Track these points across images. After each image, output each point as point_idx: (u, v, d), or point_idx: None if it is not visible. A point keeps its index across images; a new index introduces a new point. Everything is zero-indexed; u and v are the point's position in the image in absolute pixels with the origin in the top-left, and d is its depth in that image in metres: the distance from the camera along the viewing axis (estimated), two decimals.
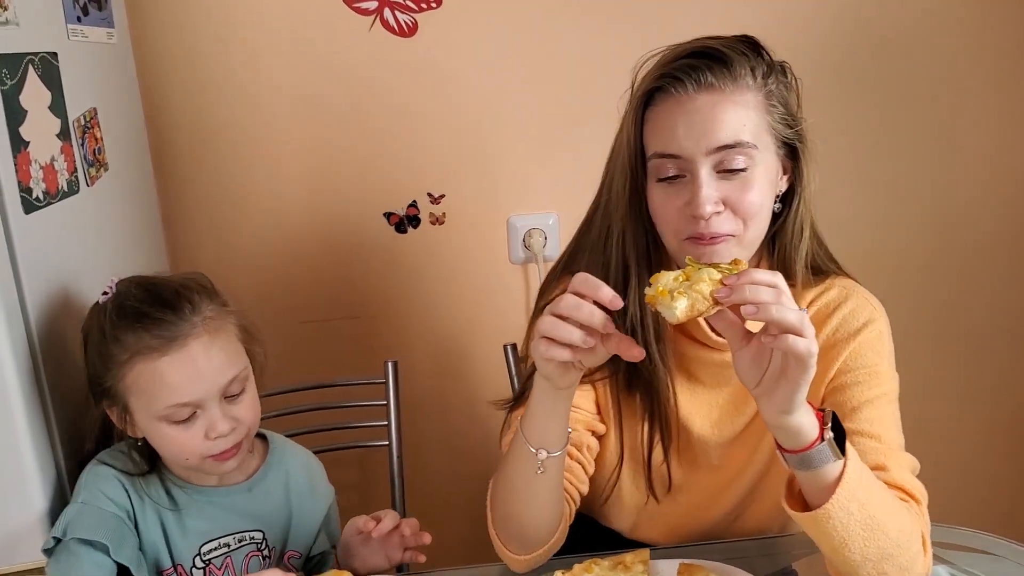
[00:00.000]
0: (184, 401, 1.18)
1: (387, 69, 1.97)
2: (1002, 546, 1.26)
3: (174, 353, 1.18)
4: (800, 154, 1.19)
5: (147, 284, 1.25)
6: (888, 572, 1.06)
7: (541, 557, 1.23)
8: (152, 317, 1.19)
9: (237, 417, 1.23)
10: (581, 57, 1.95)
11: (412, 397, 2.06)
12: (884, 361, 1.23)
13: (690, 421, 1.31)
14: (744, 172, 1.13)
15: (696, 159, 1.12)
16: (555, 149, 2.00)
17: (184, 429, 1.20)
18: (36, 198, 1.28)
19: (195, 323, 1.20)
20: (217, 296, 1.28)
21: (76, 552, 1.19)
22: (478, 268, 2.10)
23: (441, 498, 2.17)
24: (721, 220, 1.13)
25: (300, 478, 1.39)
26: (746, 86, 1.14)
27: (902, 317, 2.15)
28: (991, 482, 2.33)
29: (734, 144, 1.12)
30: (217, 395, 1.21)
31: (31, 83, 1.29)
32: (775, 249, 1.24)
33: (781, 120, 1.17)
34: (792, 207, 1.21)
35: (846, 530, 1.03)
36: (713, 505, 1.37)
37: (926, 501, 1.14)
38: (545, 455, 1.14)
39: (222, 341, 1.23)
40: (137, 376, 1.19)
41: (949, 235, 2.18)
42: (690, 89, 1.13)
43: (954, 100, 2.10)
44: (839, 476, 1.01)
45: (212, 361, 1.20)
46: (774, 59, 1.18)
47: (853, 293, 1.26)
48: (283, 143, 2.00)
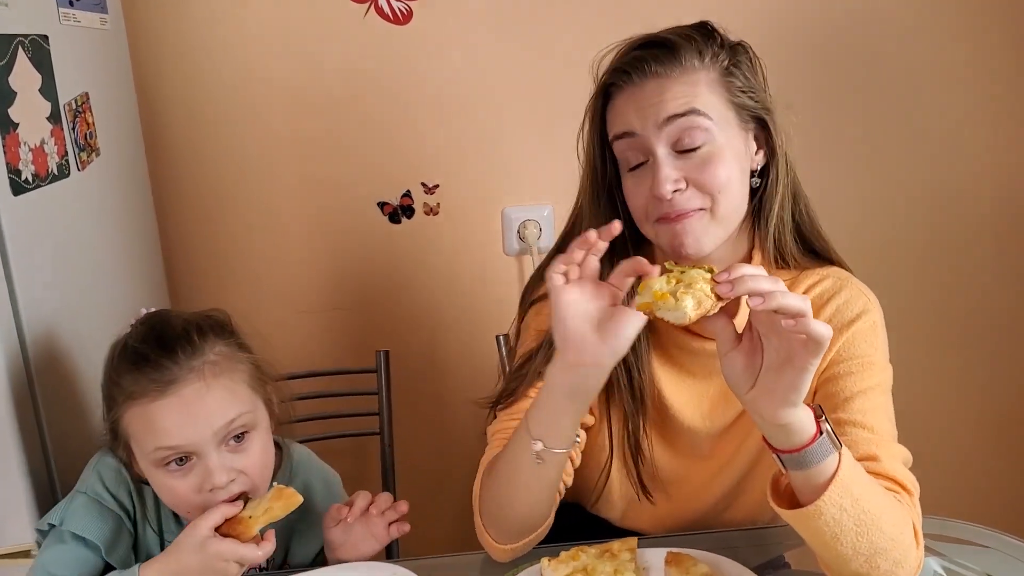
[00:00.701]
0: (173, 444, 1.13)
1: (381, 57, 1.96)
2: (994, 538, 1.25)
3: (167, 398, 1.13)
4: (769, 125, 1.20)
5: (156, 322, 1.21)
6: (880, 566, 1.04)
7: (525, 547, 1.22)
8: (148, 360, 1.15)
9: (240, 468, 1.16)
10: (577, 47, 1.93)
11: (405, 387, 2.05)
12: (877, 352, 1.22)
13: (681, 413, 1.30)
14: (702, 149, 1.14)
15: (650, 137, 1.14)
16: (551, 140, 2.00)
17: (179, 477, 1.15)
18: (25, 180, 1.27)
19: (193, 367, 1.15)
20: (231, 336, 1.23)
21: (68, 544, 1.19)
22: (472, 259, 2.10)
23: (433, 487, 2.16)
24: (686, 197, 1.14)
25: (311, 499, 1.33)
26: (692, 67, 1.15)
27: (896, 308, 2.15)
28: (985, 475, 2.33)
29: (684, 112, 1.13)
30: (213, 441, 1.14)
31: (21, 65, 1.28)
32: (760, 223, 1.24)
33: (741, 93, 1.18)
34: (770, 178, 1.22)
35: (838, 525, 1.01)
36: (703, 494, 1.36)
37: (918, 492, 1.13)
38: (543, 448, 1.12)
39: (223, 384, 1.17)
40: (131, 419, 1.16)
41: (942, 225, 2.17)
42: (637, 80, 1.15)
43: (947, 88, 2.09)
44: (833, 472, 1.00)
45: (207, 405, 1.14)
46: (728, 40, 1.20)
47: (847, 284, 1.26)
48: (277, 131, 1.99)
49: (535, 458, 1.13)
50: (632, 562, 1.16)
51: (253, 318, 2.02)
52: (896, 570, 1.05)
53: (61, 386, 1.34)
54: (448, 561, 1.27)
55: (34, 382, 1.27)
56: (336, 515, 1.24)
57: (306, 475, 1.37)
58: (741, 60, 1.20)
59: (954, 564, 1.20)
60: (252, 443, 1.19)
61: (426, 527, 1.34)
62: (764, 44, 1.25)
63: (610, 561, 1.15)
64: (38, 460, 1.29)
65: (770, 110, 1.20)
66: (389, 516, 1.26)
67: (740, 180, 1.18)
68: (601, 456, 1.34)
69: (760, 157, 1.22)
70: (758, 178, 1.22)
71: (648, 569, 1.18)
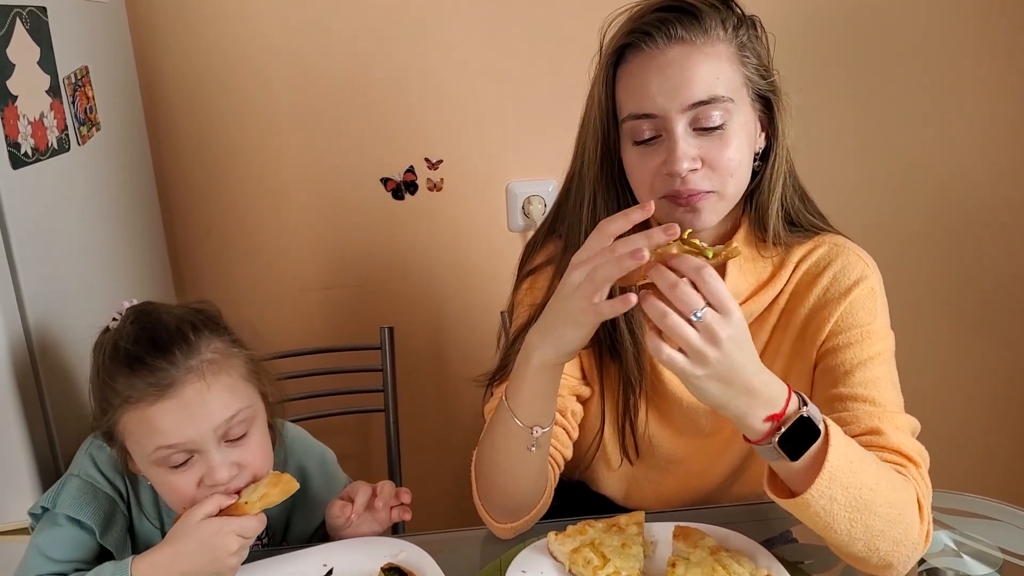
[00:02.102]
0: (173, 443, 1.11)
1: (385, 31, 1.94)
2: (1005, 511, 1.25)
3: (165, 401, 1.10)
4: (775, 107, 1.18)
5: (145, 322, 1.16)
6: (880, 547, 1.03)
7: (527, 524, 1.22)
8: (144, 362, 1.11)
9: (240, 462, 1.15)
10: (582, 21, 1.91)
11: (410, 364, 2.05)
12: (877, 320, 1.19)
13: (680, 389, 1.29)
14: (721, 128, 1.11)
15: (671, 116, 1.10)
16: (555, 115, 1.98)
17: (179, 474, 1.13)
18: (25, 153, 1.26)
19: (190, 367, 1.12)
20: (224, 332, 1.20)
21: (62, 526, 1.18)
22: (476, 235, 2.09)
23: (437, 463, 2.16)
24: (698, 177, 1.11)
25: (307, 481, 1.34)
26: (717, 38, 1.12)
27: (908, 287, 2.15)
28: (993, 451, 2.33)
29: (709, 100, 1.10)
30: (214, 438, 1.12)
31: (19, 36, 1.27)
32: (752, 205, 1.22)
33: (755, 71, 1.15)
34: (770, 163, 1.19)
35: (829, 515, 1.00)
36: (708, 472, 1.36)
37: (927, 463, 1.11)
38: (540, 432, 1.12)
39: (222, 383, 1.14)
40: (128, 421, 1.13)
41: (953, 205, 2.16)
42: (660, 43, 1.11)
43: (968, 68, 2.07)
44: (820, 463, 0.97)
45: (207, 404, 1.12)
46: (744, 12, 1.17)
47: (843, 250, 1.23)
48: (279, 106, 1.97)
49: (533, 444, 1.13)
50: (639, 536, 1.15)
51: (256, 295, 2.04)
52: (897, 549, 1.04)
53: (63, 360, 1.33)
54: (453, 536, 1.27)
55: (35, 356, 1.26)
56: (339, 514, 1.21)
57: (301, 455, 1.36)
58: (753, 35, 1.17)
59: (964, 537, 1.19)
60: (251, 437, 1.17)
61: (430, 502, 1.33)
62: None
63: (617, 535, 1.15)
64: (41, 437, 1.28)
65: (777, 91, 1.18)
66: (391, 503, 1.25)
67: (748, 161, 1.16)
68: (596, 425, 1.34)
69: (762, 139, 1.20)
70: (760, 161, 1.20)
71: (656, 543, 1.18)
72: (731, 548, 1.12)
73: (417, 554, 1.16)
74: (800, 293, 1.23)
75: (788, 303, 1.24)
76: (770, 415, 0.97)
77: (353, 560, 1.17)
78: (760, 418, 0.97)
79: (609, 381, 1.31)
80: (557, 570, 1.13)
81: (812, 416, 0.97)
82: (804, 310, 1.22)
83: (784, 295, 1.24)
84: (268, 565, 1.18)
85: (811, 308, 1.21)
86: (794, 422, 0.97)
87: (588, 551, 1.11)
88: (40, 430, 1.28)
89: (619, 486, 1.40)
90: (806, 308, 1.22)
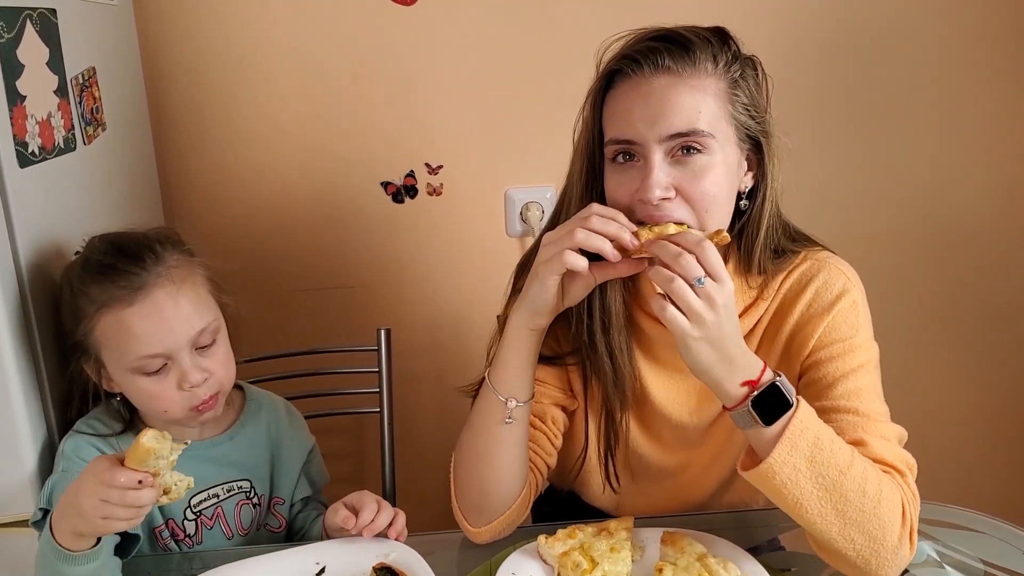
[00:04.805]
0: (153, 352, 1.19)
1: (388, 37, 1.96)
2: (988, 523, 1.27)
3: (139, 303, 1.18)
4: (764, 150, 1.18)
5: (112, 238, 1.26)
6: (855, 540, 1.05)
7: (501, 527, 1.24)
8: (116, 269, 1.20)
9: (208, 369, 1.24)
10: (582, 29, 1.94)
11: (406, 368, 2.06)
12: (860, 333, 1.21)
13: (667, 409, 1.31)
14: (697, 159, 1.11)
15: (649, 145, 1.11)
16: (554, 122, 1.96)
17: (157, 381, 1.21)
18: (32, 152, 1.27)
19: (159, 273, 1.21)
20: (183, 245, 1.28)
21: None
22: (475, 240, 2.10)
23: (431, 465, 2.17)
24: (672, 206, 1.11)
25: (278, 424, 1.42)
26: (705, 71, 1.12)
27: (906, 299, 2.17)
28: (978, 463, 2.35)
29: (688, 132, 1.10)
30: (187, 346, 1.21)
31: (29, 38, 1.28)
32: (740, 243, 1.22)
33: (744, 111, 1.15)
34: (756, 204, 1.20)
35: (796, 487, 1.04)
36: (699, 483, 1.37)
37: (913, 473, 1.13)
38: (514, 404, 1.18)
39: (189, 291, 1.23)
40: (105, 328, 1.20)
41: (950, 218, 2.17)
42: (647, 71, 1.12)
43: (954, 82, 2.09)
44: (781, 431, 1.04)
45: (180, 311, 1.21)
46: (743, 52, 1.17)
47: (825, 264, 1.24)
48: (282, 109, 1.99)
49: (508, 418, 1.19)
50: (628, 540, 1.17)
51: (255, 294, 2.05)
52: (874, 547, 1.05)
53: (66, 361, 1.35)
54: (445, 537, 1.29)
55: (39, 355, 1.28)
56: (342, 524, 1.22)
57: (269, 407, 1.43)
58: (749, 75, 1.17)
59: (947, 548, 1.21)
60: (219, 345, 1.26)
61: (423, 505, 1.35)
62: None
63: (606, 539, 1.17)
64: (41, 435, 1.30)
65: (768, 133, 1.18)
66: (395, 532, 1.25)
67: (728, 198, 1.16)
68: (580, 443, 1.36)
69: (749, 179, 1.20)
70: (746, 200, 1.20)
71: (644, 548, 1.19)
72: (718, 554, 1.14)
73: (408, 555, 1.18)
74: (784, 309, 1.24)
75: (772, 320, 1.25)
76: (746, 380, 1.05)
77: (345, 559, 1.19)
78: (736, 383, 1.05)
79: (592, 403, 1.33)
80: (546, 573, 1.15)
81: (784, 387, 1.05)
82: (788, 326, 1.23)
83: (768, 313, 1.25)
84: (262, 562, 1.20)
85: (795, 324, 1.23)
86: (767, 387, 1.05)
87: (577, 554, 1.13)
88: (42, 426, 1.29)
89: (611, 499, 1.41)
90: (790, 324, 1.23)
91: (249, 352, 1.72)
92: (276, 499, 1.40)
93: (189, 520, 1.32)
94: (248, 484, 1.36)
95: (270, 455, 1.40)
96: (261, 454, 1.39)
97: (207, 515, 1.33)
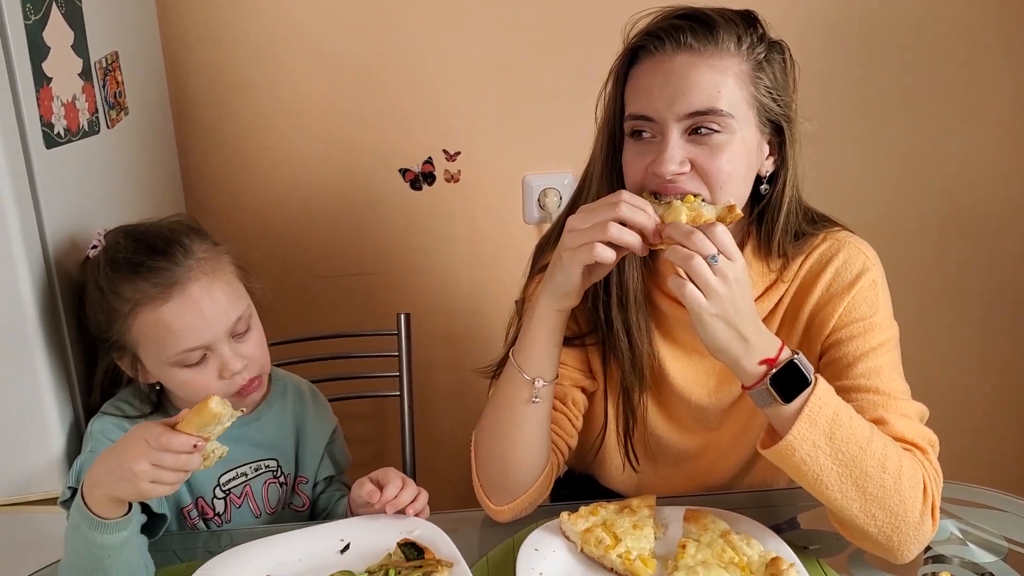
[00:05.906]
0: (193, 346, 1.20)
1: (405, 23, 1.96)
2: (1011, 502, 1.27)
3: (175, 299, 1.19)
4: (786, 135, 1.17)
5: (135, 234, 1.25)
6: (877, 516, 1.06)
7: (523, 506, 1.24)
8: (146, 266, 1.19)
9: (246, 355, 1.25)
10: (601, 14, 1.93)
11: (424, 355, 2.07)
12: (880, 312, 1.21)
13: (686, 391, 1.31)
14: (715, 137, 1.11)
15: (667, 122, 1.11)
16: (572, 108, 1.99)
17: (198, 372, 1.22)
18: (57, 134, 1.29)
19: (191, 266, 1.21)
20: (206, 236, 1.29)
21: None
22: (492, 226, 2.11)
23: (449, 453, 2.18)
24: (685, 179, 1.12)
25: (303, 405, 1.43)
26: (727, 52, 1.12)
27: (918, 283, 2.16)
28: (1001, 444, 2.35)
29: (706, 111, 1.10)
30: (225, 336, 1.22)
31: (54, 21, 1.30)
32: (760, 226, 1.23)
33: (767, 94, 1.14)
34: (776, 189, 1.20)
35: (816, 464, 1.04)
36: (718, 467, 1.38)
37: (935, 450, 1.13)
38: (541, 383, 1.19)
39: (221, 281, 1.24)
40: (142, 326, 1.20)
41: (966, 202, 2.17)
42: (669, 48, 1.12)
43: (973, 66, 2.08)
44: (800, 407, 1.04)
45: (216, 303, 1.21)
46: (770, 36, 1.17)
47: (845, 244, 1.24)
48: (301, 96, 2.00)
49: (535, 397, 1.19)
50: (651, 517, 1.17)
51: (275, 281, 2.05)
52: (896, 523, 1.06)
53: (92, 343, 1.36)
54: (468, 515, 1.29)
55: (65, 336, 1.29)
56: (367, 499, 1.24)
57: (294, 388, 1.45)
58: (775, 59, 1.16)
59: (970, 527, 1.21)
60: (252, 331, 1.27)
61: (443, 485, 1.36)
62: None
63: (629, 516, 1.17)
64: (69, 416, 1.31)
65: (791, 119, 1.17)
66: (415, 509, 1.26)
67: (744, 178, 1.15)
68: (599, 423, 1.36)
69: (770, 163, 1.20)
70: (767, 185, 1.20)
71: (667, 526, 1.20)
72: (741, 531, 1.14)
73: (432, 531, 1.18)
74: (804, 289, 1.24)
75: (793, 301, 1.26)
76: (764, 359, 1.06)
77: (370, 535, 1.20)
78: (755, 362, 1.06)
79: (612, 383, 1.33)
80: (569, 549, 1.16)
81: (802, 364, 1.05)
82: (809, 306, 1.23)
83: (789, 293, 1.26)
84: (288, 539, 1.21)
85: (815, 304, 1.23)
86: (785, 365, 1.06)
87: (600, 531, 1.14)
88: (68, 406, 1.31)
89: (630, 482, 1.42)
90: (810, 304, 1.23)
91: (271, 337, 1.73)
92: (300, 478, 1.41)
93: (219, 499, 1.33)
94: (275, 463, 1.37)
95: (295, 435, 1.41)
96: (287, 434, 1.40)
97: (236, 493, 1.34)
